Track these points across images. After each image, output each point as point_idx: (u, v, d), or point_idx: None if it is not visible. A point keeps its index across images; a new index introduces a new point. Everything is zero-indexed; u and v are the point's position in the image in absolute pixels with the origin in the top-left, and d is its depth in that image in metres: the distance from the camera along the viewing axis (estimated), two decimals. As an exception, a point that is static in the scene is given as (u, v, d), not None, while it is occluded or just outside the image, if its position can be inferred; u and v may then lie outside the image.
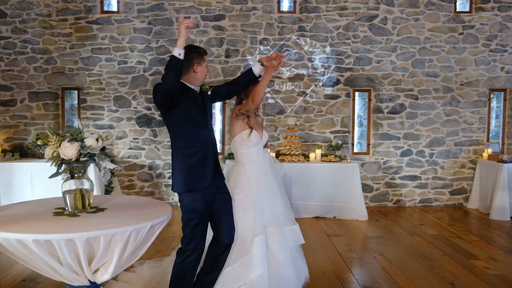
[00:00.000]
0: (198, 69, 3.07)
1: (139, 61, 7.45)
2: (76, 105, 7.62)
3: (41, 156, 6.85)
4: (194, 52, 3.07)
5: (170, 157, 7.50)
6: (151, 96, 7.34)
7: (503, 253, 5.09)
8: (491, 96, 7.73)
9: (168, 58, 2.87)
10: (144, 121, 7.53)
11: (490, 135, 7.78)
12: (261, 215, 3.43)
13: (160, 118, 7.49)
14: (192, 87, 3.12)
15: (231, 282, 3.29)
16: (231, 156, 7.01)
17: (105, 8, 7.53)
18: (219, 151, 5.93)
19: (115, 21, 7.44)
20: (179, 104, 2.99)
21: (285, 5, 7.61)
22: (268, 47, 7.49)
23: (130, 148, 7.56)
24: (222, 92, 3.37)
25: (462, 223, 6.57)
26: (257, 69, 3.30)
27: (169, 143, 7.56)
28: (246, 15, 7.48)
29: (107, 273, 2.21)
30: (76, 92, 7.59)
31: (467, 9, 7.60)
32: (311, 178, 6.79)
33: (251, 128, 3.57)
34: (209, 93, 3.29)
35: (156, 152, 7.57)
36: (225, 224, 3.23)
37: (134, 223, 2.21)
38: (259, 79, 3.39)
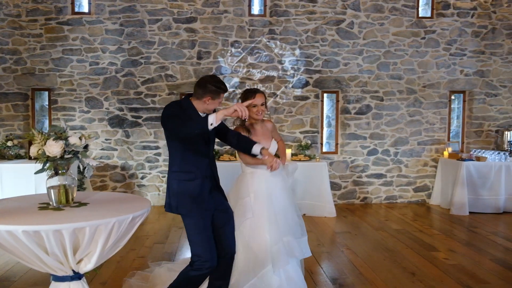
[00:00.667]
0: (209, 102, 2.99)
1: (111, 62, 7.49)
2: (47, 106, 7.59)
3: (10, 158, 6.79)
4: (214, 86, 2.95)
5: (143, 157, 7.59)
6: (124, 97, 7.52)
7: (462, 245, 5.42)
8: (452, 97, 8.13)
9: (140, 60, 2.95)
10: (116, 122, 7.57)
11: (451, 134, 8.18)
12: (274, 225, 3.39)
13: (133, 119, 7.56)
14: (200, 113, 3.05)
15: None
16: None
17: (76, 9, 7.51)
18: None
19: (86, 22, 7.45)
20: None
21: (256, 9, 7.80)
22: (239, 50, 7.66)
23: (102, 149, 7.59)
24: (222, 133, 3.30)
25: (424, 218, 6.91)
26: (255, 150, 3.28)
27: (142, 144, 7.67)
28: (217, 18, 7.63)
29: (91, 263, 2.34)
30: (46, 93, 7.56)
31: (429, 14, 7.97)
32: (281, 177, 6.96)
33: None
34: None
35: (129, 152, 7.61)
36: (224, 240, 3.21)
37: (117, 215, 2.34)
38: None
